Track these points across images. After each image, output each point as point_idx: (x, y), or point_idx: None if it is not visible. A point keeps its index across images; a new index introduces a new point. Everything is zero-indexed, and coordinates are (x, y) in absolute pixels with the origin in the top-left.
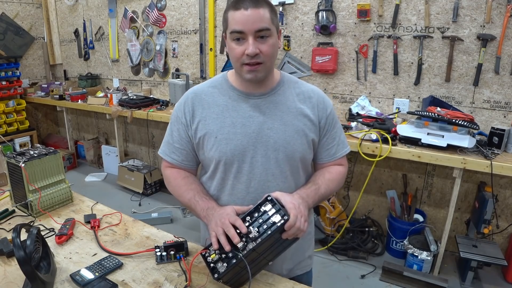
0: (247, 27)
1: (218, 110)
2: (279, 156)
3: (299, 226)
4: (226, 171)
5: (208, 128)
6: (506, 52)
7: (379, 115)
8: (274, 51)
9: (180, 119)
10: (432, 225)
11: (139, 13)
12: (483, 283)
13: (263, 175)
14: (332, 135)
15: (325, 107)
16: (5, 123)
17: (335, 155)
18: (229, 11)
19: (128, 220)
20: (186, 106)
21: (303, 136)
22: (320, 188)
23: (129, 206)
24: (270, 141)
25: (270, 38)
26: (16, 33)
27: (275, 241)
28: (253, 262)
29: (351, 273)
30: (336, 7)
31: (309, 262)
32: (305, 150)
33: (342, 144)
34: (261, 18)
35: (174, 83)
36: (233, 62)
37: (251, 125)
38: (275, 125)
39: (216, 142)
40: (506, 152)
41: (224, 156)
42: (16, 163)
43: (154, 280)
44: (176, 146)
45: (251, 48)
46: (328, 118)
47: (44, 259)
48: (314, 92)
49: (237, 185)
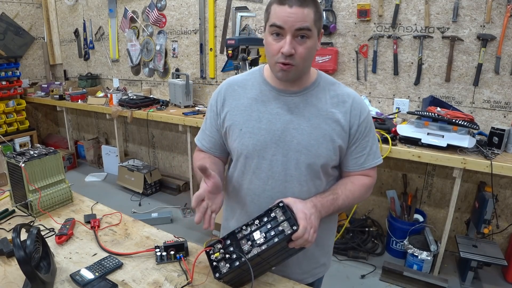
0: (287, 24)
1: (247, 103)
2: (300, 158)
3: (307, 238)
4: (246, 164)
5: (234, 119)
6: (506, 52)
7: (379, 115)
8: (310, 54)
9: (212, 107)
10: (432, 225)
11: (139, 13)
12: (483, 283)
13: (281, 175)
14: (362, 144)
15: (358, 113)
16: (5, 123)
17: (363, 165)
18: (273, 4)
19: (128, 220)
20: (219, 95)
21: (330, 141)
22: (338, 198)
23: (129, 206)
24: (294, 141)
25: (309, 39)
26: (16, 33)
27: (280, 248)
28: (256, 266)
29: (351, 273)
30: (336, 7)
31: (322, 269)
32: (330, 156)
33: (373, 154)
34: (304, 17)
35: (174, 83)
36: (267, 57)
37: (277, 123)
38: (301, 126)
39: (240, 134)
40: (506, 152)
41: (246, 149)
42: (16, 163)
43: (154, 280)
44: (207, 133)
45: (287, 47)
46: (360, 125)
47: (44, 259)
48: (350, 96)
49: (255, 181)
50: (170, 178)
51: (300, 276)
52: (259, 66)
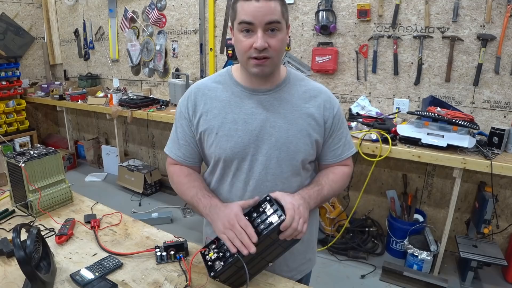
0: (257, 19)
1: (220, 106)
2: (280, 156)
3: (295, 227)
4: (225, 168)
5: (209, 123)
6: (506, 52)
7: (379, 115)
8: (282, 46)
9: (183, 114)
10: (432, 225)
11: (139, 13)
12: (483, 283)
13: (262, 174)
14: (338, 136)
15: (331, 107)
16: (5, 123)
17: (341, 156)
18: (238, 1)
19: (128, 220)
20: (189, 100)
21: (307, 136)
22: (323, 189)
23: (129, 206)
24: (272, 139)
25: (280, 32)
26: (16, 33)
27: (273, 241)
28: (251, 262)
29: (351, 273)
30: (336, 7)
31: (309, 264)
32: (308, 150)
33: (348, 144)
34: (272, 10)
35: (174, 83)
36: (239, 55)
37: (253, 122)
38: (278, 123)
39: (217, 138)
40: (506, 152)
41: (224, 153)
42: (16, 163)
43: (154, 280)
44: (181, 142)
45: (260, 41)
46: (334, 118)
47: (44, 259)
48: (320, 91)
49: (236, 183)
50: None
51: (288, 274)
52: (226, 68)
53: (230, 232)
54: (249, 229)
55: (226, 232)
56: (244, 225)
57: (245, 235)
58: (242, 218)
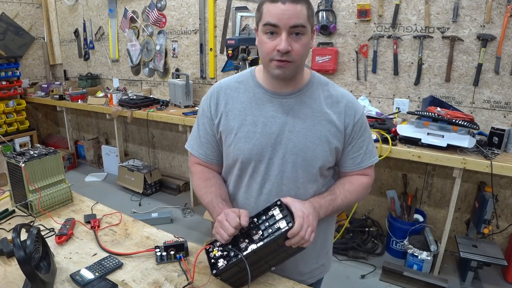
0: (282, 21)
1: (241, 107)
2: (297, 161)
3: (303, 235)
4: (242, 169)
5: (228, 124)
6: (506, 52)
7: (379, 115)
8: (306, 51)
9: (205, 112)
10: (432, 225)
11: (139, 13)
12: (483, 283)
13: (278, 178)
14: (358, 144)
15: (353, 113)
16: (5, 123)
17: (360, 164)
18: (265, 3)
19: (128, 220)
20: (212, 99)
21: (326, 142)
22: (336, 199)
23: (129, 206)
24: (290, 144)
25: (304, 36)
26: (16, 33)
27: (278, 247)
28: (254, 264)
29: (351, 273)
30: (336, 7)
31: (321, 270)
32: (326, 157)
33: (369, 153)
34: (298, 14)
35: (174, 83)
36: (262, 56)
37: (272, 126)
38: (297, 128)
39: (235, 139)
40: (506, 152)
41: (242, 154)
42: (16, 163)
43: (154, 280)
44: (202, 140)
45: (284, 44)
46: (355, 125)
47: (44, 259)
48: (343, 96)
49: (252, 184)
50: (170, 178)
51: (299, 277)
52: (249, 69)
53: (219, 228)
54: (243, 213)
55: (216, 228)
56: (230, 218)
57: (232, 218)
58: (229, 213)
